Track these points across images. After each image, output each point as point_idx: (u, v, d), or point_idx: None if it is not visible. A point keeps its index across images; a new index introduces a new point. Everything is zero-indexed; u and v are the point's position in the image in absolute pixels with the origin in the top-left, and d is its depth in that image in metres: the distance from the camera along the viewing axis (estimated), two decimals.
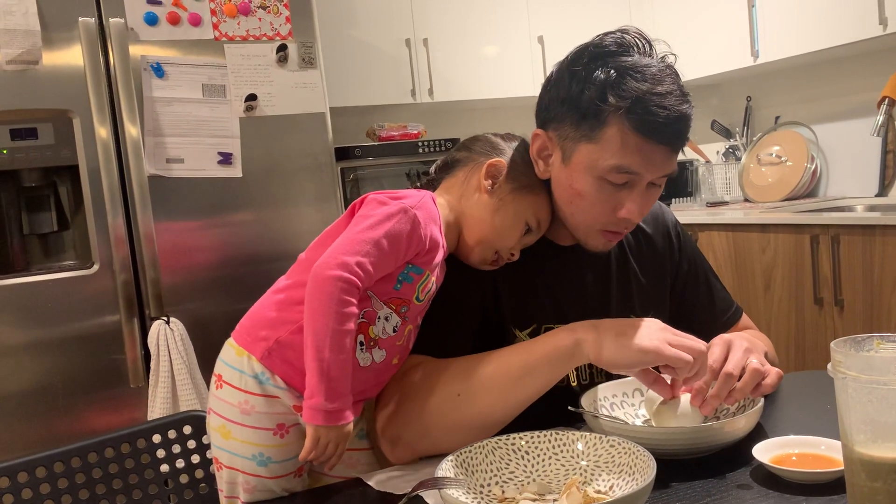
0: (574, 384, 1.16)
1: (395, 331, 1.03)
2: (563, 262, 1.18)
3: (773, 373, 1.01)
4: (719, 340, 1.02)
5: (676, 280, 1.29)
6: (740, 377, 0.97)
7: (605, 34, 1.06)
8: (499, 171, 1.11)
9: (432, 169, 1.19)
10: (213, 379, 1.03)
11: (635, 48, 1.04)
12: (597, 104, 1.01)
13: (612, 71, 1.01)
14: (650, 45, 1.06)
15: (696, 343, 0.94)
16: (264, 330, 1.01)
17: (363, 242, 0.96)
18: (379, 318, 1.01)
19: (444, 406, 1.00)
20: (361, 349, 1.00)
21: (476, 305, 1.13)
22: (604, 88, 1.01)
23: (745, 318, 1.33)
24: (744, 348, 1.01)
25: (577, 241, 1.16)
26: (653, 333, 0.94)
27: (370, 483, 0.96)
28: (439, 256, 1.06)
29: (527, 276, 1.16)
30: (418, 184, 1.19)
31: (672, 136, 1.02)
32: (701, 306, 1.29)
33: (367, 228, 0.98)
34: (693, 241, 1.34)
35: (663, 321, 1.25)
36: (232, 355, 1.01)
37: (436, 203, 1.09)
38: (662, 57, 1.06)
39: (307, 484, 1.05)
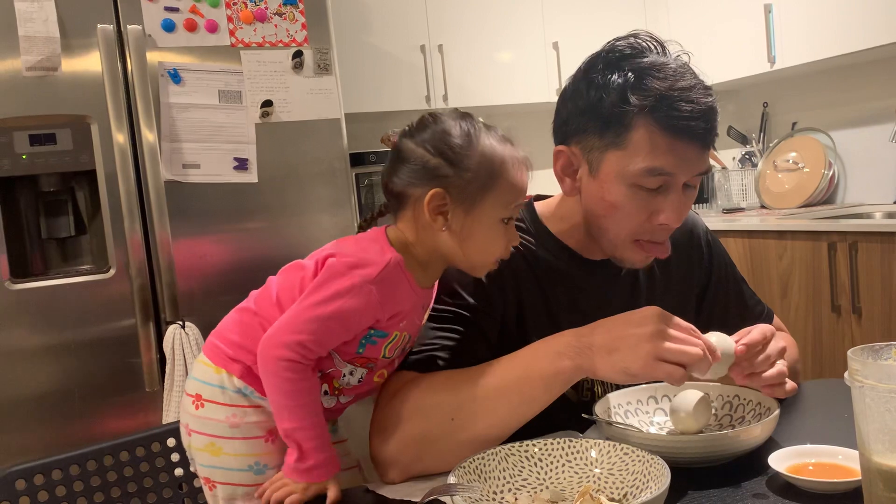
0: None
1: (360, 381, 1.02)
2: (591, 275, 1.15)
3: (792, 384, 0.99)
4: (760, 329, 0.97)
5: (707, 289, 1.27)
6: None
7: (616, 39, 1.05)
8: (441, 199, 0.96)
9: (380, 204, 1.06)
10: (189, 400, 1.02)
11: (649, 50, 1.03)
12: (620, 107, 0.98)
13: (630, 73, 0.99)
14: (663, 47, 1.04)
15: (692, 350, 0.87)
16: (233, 351, 1.01)
17: (308, 321, 0.93)
18: (344, 374, 1.00)
19: (440, 431, 0.97)
20: (326, 395, 1.01)
21: (496, 320, 1.09)
22: (624, 91, 0.98)
23: (776, 321, 1.31)
24: (780, 346, 0.98)
25: (607, 256, 1.12)
26: (641, 348, 0.87)
27: (379, 491, 0.96)
28: (412, 315, 1.01)
29: (553, 290, 1.12)
30: (376, 213, 1.06)
31: (702, 131, 1.00)
32: (732, 314, 1.26)
33: (315, 304, 0.93)
34: (724, 248, 1.32)
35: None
36: (209, 373, 1.01)
37: (403, 265, 0.97)
38: (676, 56, 1.05)
39: None
